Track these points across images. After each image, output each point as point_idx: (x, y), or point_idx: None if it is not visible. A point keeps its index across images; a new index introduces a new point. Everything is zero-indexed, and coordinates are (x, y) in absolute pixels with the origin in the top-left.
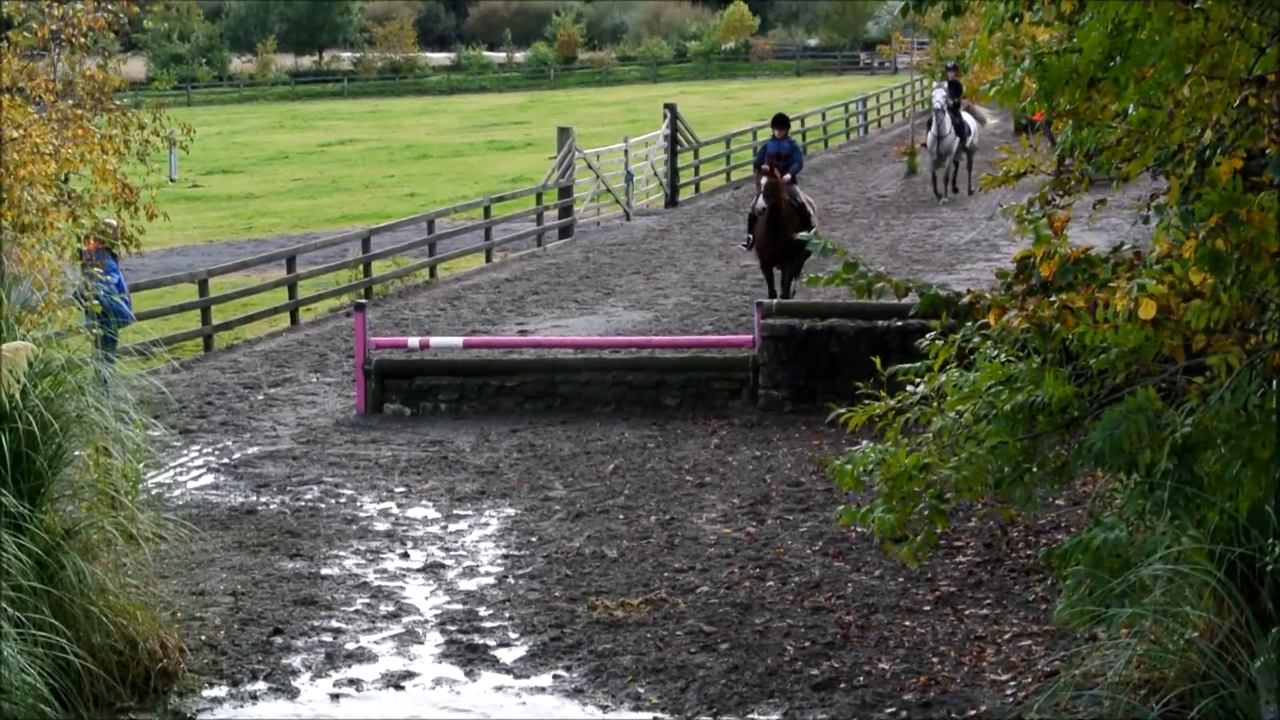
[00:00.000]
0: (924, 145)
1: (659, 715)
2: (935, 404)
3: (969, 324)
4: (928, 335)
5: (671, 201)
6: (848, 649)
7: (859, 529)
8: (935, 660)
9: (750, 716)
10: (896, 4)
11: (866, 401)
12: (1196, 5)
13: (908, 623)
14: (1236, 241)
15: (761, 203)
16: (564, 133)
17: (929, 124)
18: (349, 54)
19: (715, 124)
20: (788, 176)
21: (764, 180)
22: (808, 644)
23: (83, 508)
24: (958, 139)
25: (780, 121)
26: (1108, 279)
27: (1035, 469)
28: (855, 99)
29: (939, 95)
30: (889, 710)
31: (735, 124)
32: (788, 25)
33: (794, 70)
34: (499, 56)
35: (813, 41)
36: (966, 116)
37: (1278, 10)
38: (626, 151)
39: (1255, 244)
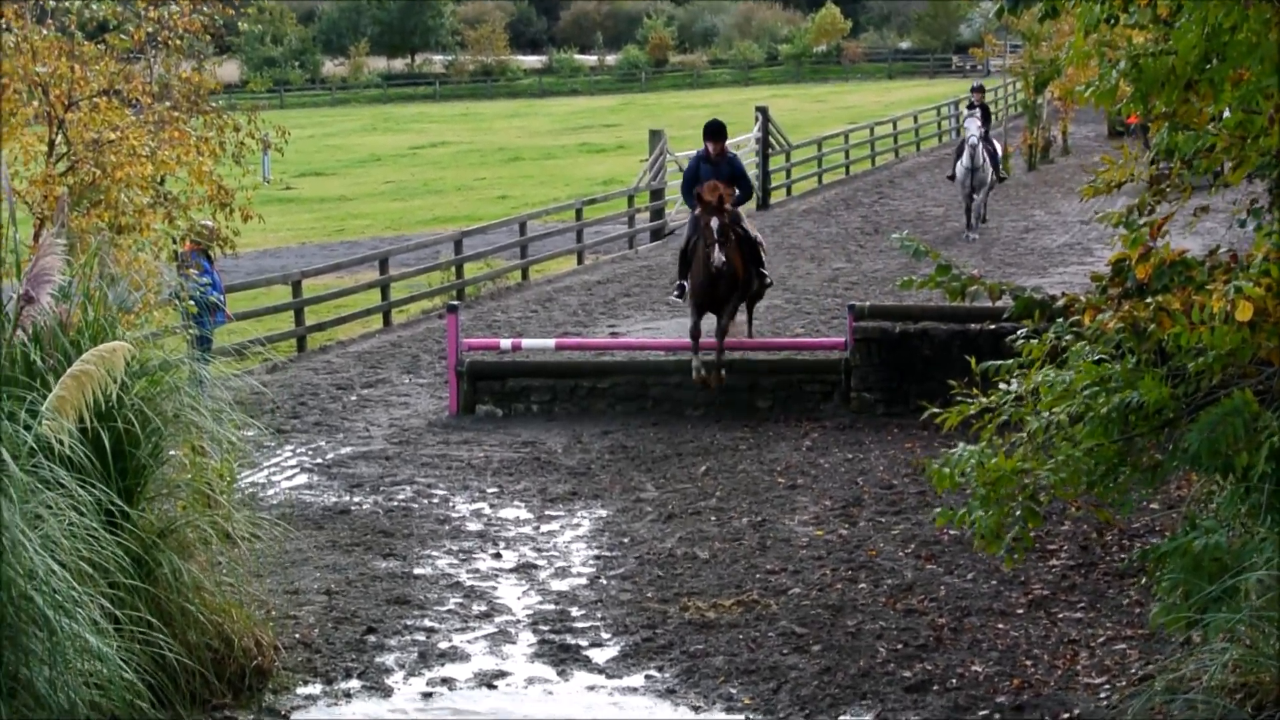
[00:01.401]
0: (950, 177)
1: (751, 716)
2: (1030, 404)
3: (1060, 321)
4: (1019, 333)
5: (763, 204)
6: (940, 651)
7: (951, 531)
8: (1028, 663)
9: (843, 718)
10: (990, 6)
11: (961, 401)
12: None
13: (1001, 625)
14: None
15: (719, 256)
16: (655, 135)
17: (958, 153)
18: (441, 57)
19: (807, 127)
20: (730, 205)
21: (714, 221)
22: (900, 646)
23: (179, 506)
24: (991, 171)
25: (715, 132)
26: (1204, 281)
27: (1130, 470)
28: (947, 102)
29: (974, 128)
30: (982, 713)
31: (827, 127)
32: (879, 28)
33: (886, 73)
34: (590, 59)
35: (905, 44)
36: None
37: None
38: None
39: None
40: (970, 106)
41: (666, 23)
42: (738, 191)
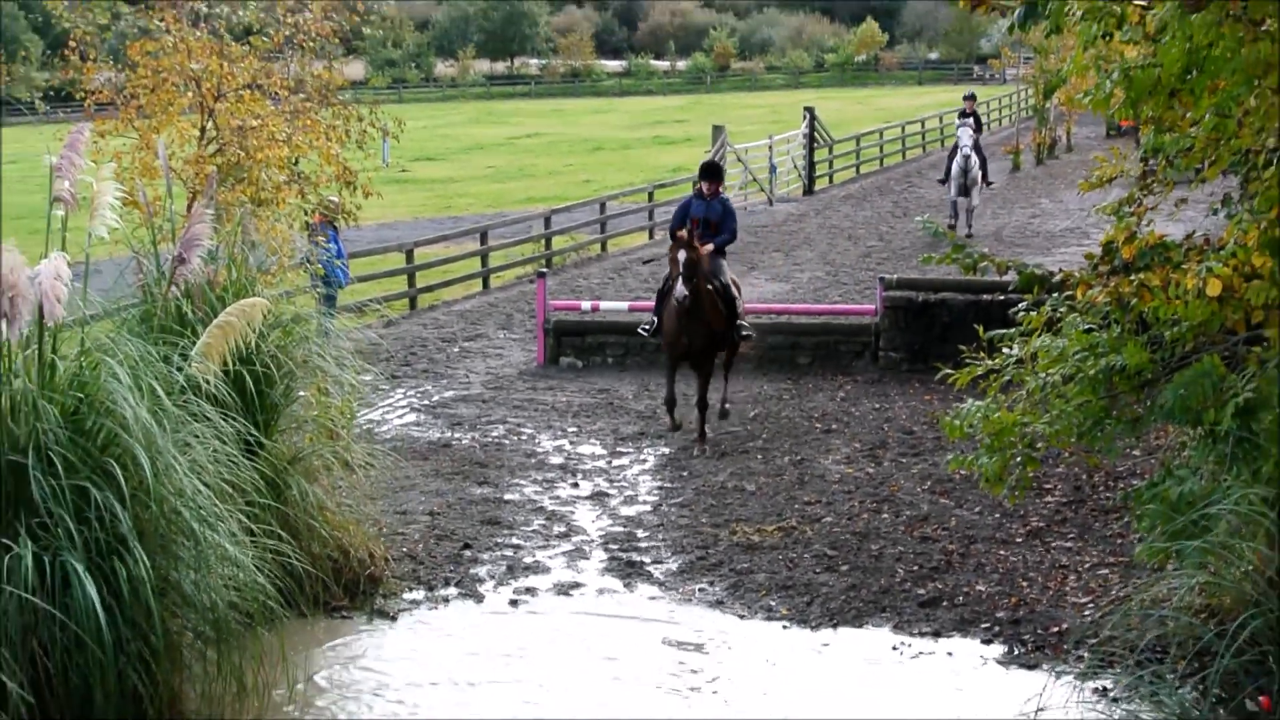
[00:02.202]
0: (942, 181)
1: (787, 624)
2: (1029, 366)
3: (1055, 295)
4: (1021, 305)
5: (809, 190)
6: (950, 573)
7: (963, 473)
8: (1025, 584)
9: (865, 627)
10: (1006, 22)
11: (970, 363)
12: (1264, 28)
13: (1002, 552)
14: None
15: (681, 289)
16: (717, 130)
17: (950, 158)
18: (536, 61)
19: (847, 125)
20: (710, 247)
21: (681, 255)
22: (916, 568)
23: (306, 438)
24: (980, 176)
25: (711, 172)
26: (1180, 261)
27: (1114, 423)
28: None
29: (965, 136)
30: (984, 625)
31: (864, 125)
32: (911, 41)
33: (916, 80)
34: (663, 65)
35: (933, 55)
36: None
37: None
38: (771, 147)
39: None
40: (962, 115)
41: (729, 34)
42: (720, 236)
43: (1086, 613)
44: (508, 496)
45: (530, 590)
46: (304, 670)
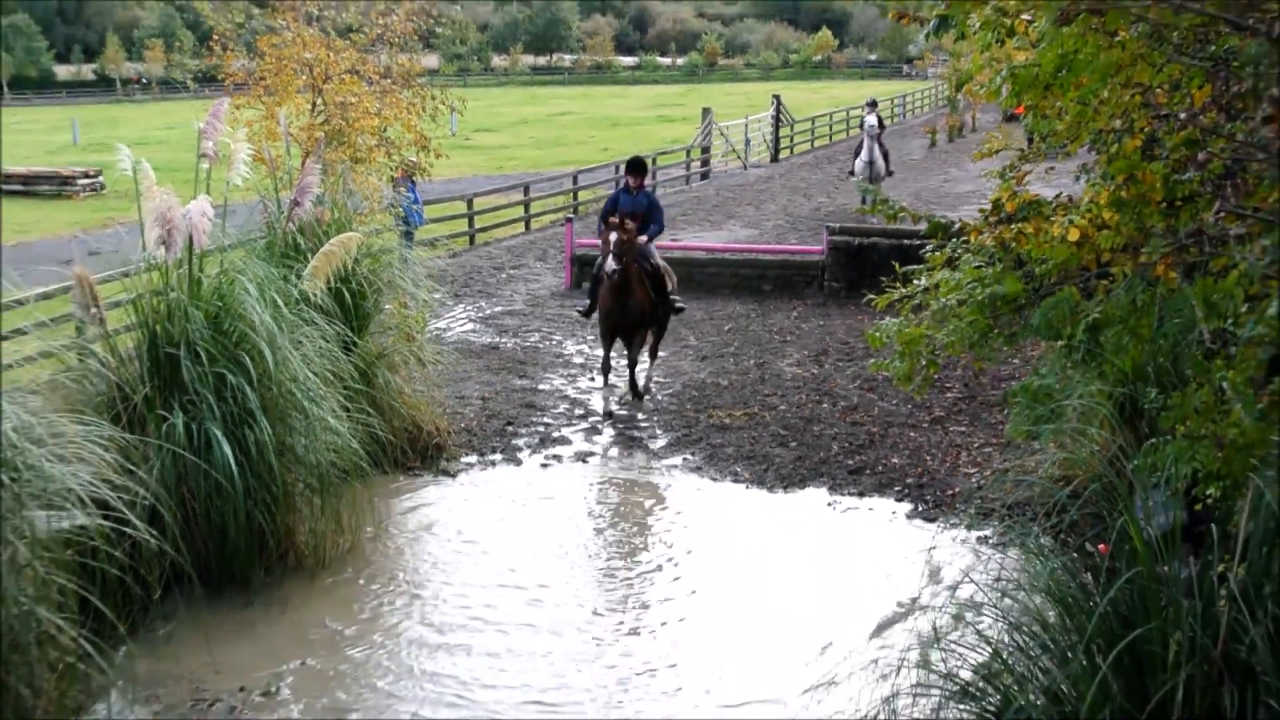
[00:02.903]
0: (850, 173)
1: (748, 485)
2: (933, 293)
3: (955, 240)
4: (929, 246)
5: (774, 159)
6: (872, 449)
7: (883, 374)
8: (928, 458)
9: (807, 489)
10: (925, 31)
11: (889, 291)
12: (1117, 37)
13: (911, 434)
14: (1134, 193)
15: (611, 264)
16: (706, 111)
17: (857, 151)
18: (569, 56)
19: (805, 109)
20: (644, 238)
21: (613, 236)
22: (847, 445)
23: (390, 340)
24: (884, 164)
25: (636, 167)
26: (1049, 215)
27: (996, 337)
28: (898, 96)
29: (871, 119)
30: (896, 489)
31: (818, 110)
32: (856, 45)
33: (860, 75)
34: (666, 61)
35: (873, 56)
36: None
37: (1169, 44)
38: (746, 125)
39: (1145, 195)
40: (868, 114)
41: (717, 38)
42: (650, 226)
43: (974, 480)
44: (541, 386)
45: (557, 457)
46: (386, 513)
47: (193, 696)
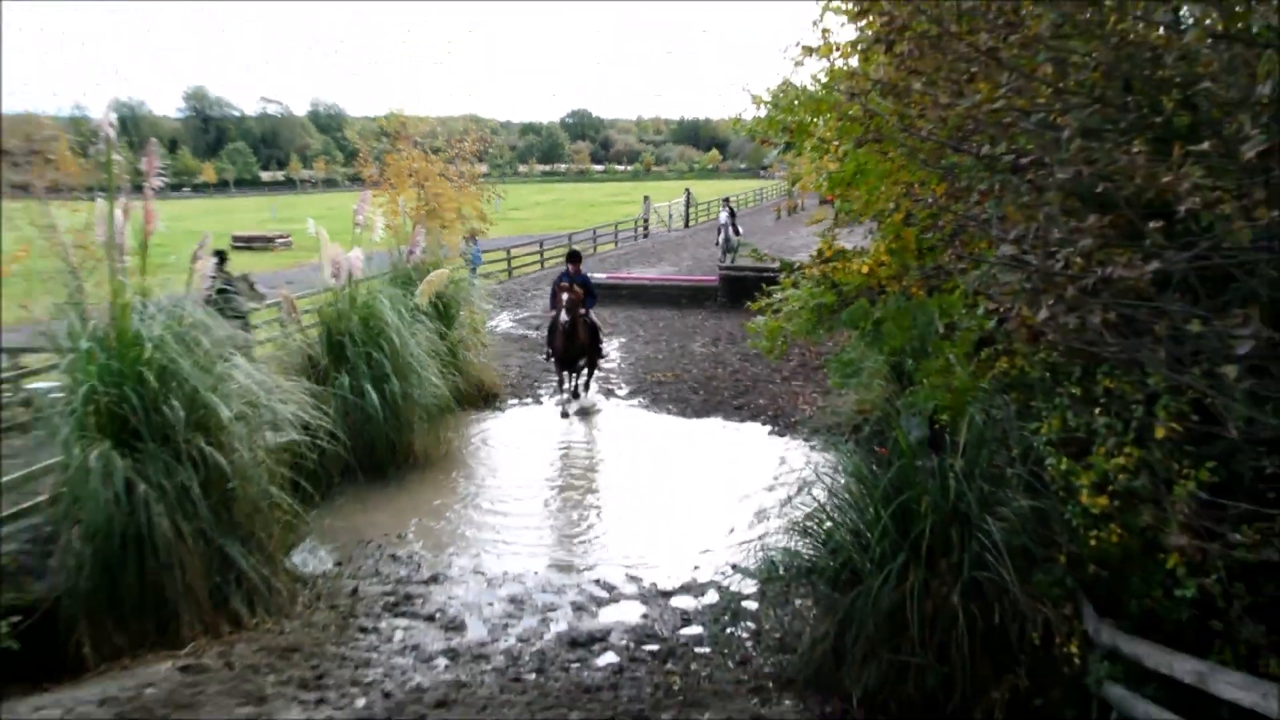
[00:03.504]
0: (716, 244)
1: (675, 416)
2: (784, 303)
3: (796, 271)
4: (781, 276)
5: (686, 226)
6: (747, 395)
7: (755, 350)
8: (780, 400)
9: (710, 418)
10: (776, 151)
11: (758, 302)
12: (889, 155)
13: (770, 386)
14: (899, 245)
15: (564, 316)
16: (646, 198)
17: (718, 232)
18: (564, 164)
19: (705, 196)
20: (582, 310)
21: (565, 297)
22: (732, 392)
23: (465, 332)
24: (737, 240)
25: (574, 257)
26: (851, 257)
27: (822, 327)
28: (758, 189)
29: (724, 216)
30: (762, 418)
31: (713, 195)
32: (733, 158)
33: (736, 176)
34: (621, 167)
35: (743, 165)
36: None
37: (919, 158)
38: (670, 206)
39: (906, 246)
40: (723, 210)
41: (651, 153)
42: (589, 299)
43: (808, 414)
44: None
45: (566, 401)
46: (464, 433)
47: (355, 540)
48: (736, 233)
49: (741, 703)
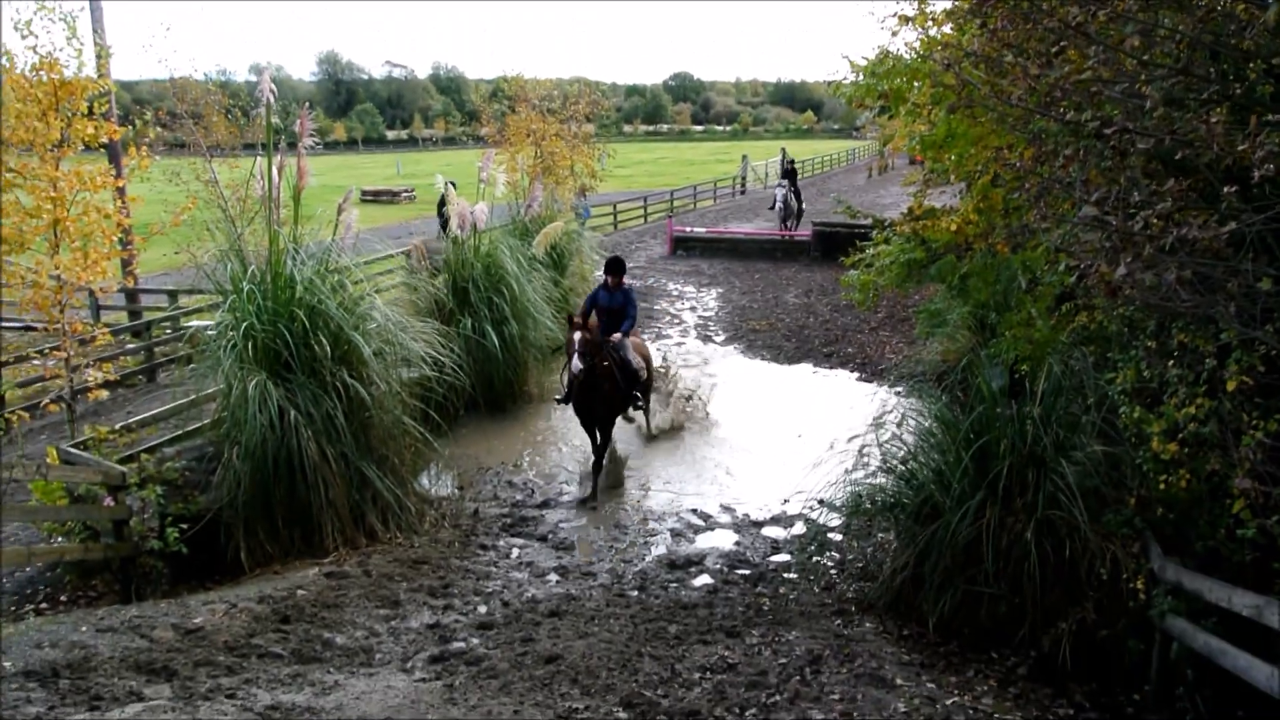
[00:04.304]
0: (771, 208)
1: (769, 361)
2: (875, 257)
3: (887, 228)
4: (873, 232)
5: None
6: (837, 344)
7: (846, 301)
8: (869, 349)
9: (803, 364)
10: (870, 113)
11: (851, 257)
12: (980, 120)
13: (859, 336)
14: (986, 205)
15: (576, 364)
16: (744, 157)
17: (775, 201)
18: (666, 125)
19: (801, 155)
20: (617, 336)
21: (576, 336)
22: (822, 340)
23: (575, 279)
24: (797, 204)
25: (615, 266)
26: (940, 215)
27: (911, 280)
28: (850, 148)
29: (780, 192)
30: (850, 365)
31: (805, 156)
32: (827, 119)
33: (829, 136)
34: (720, 128)
35: (836, 126)
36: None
37: (1007, 124)
38: (766, 164)
39: (993, 206)
40: (783, 174)
41: (749, 114)
42: (625, 321)
43: (895, 361)
44: (656, 307)
45: (664, 341)
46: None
47: (476, 466)
48: (798, 199)
49: (825, 623)
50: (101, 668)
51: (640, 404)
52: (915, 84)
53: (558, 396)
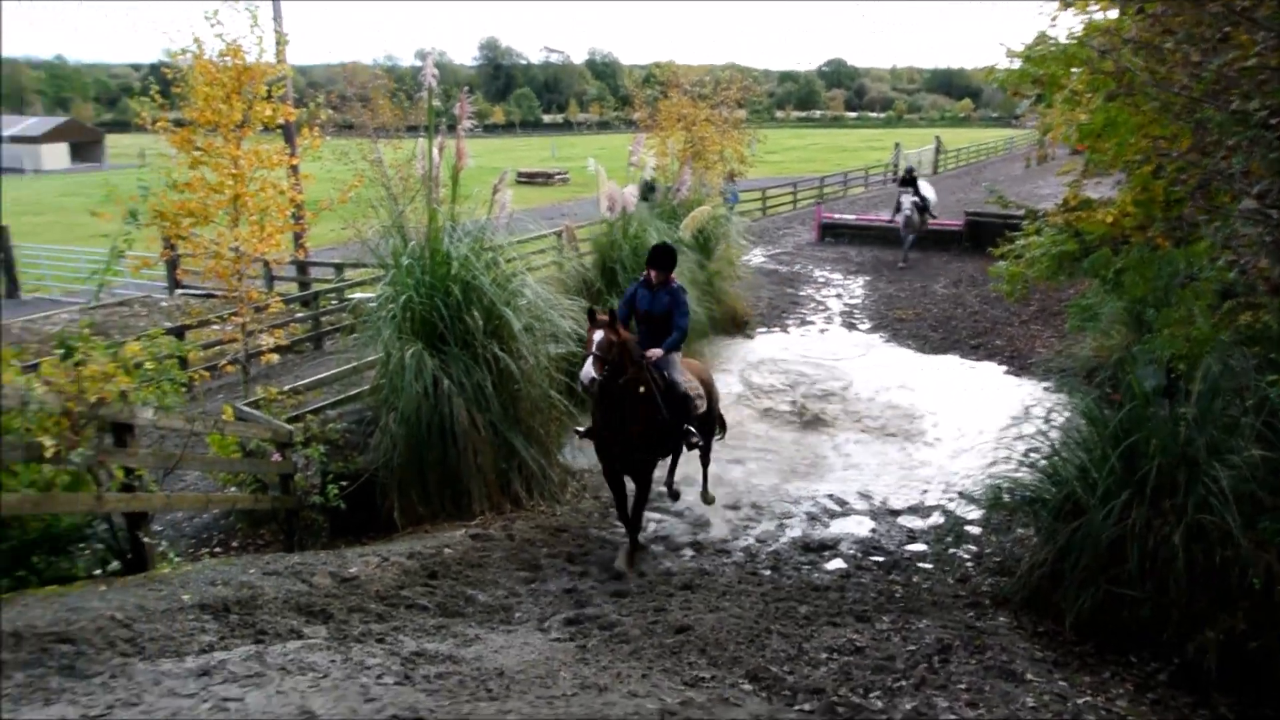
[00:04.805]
0: (891, 221)
1: (914, 350)
2: (1026, 248)
3: (1040, 219)
4: (1024, 223)
5: (934, 172)
6: (985, 336)
7: (995, 293)
8: (1019, 342)
9: (948, 355)
10: (1028, 102)
11: (1000, 248)
12: (1141, 108)
13: (1009, 329)
14: (1146, 197)
15: (588, 371)
16: (896, 145)
17: (896, 208)
18: (818, 111)
19: (956, 143)
20: (656, 352)
21: (597, 336)
22: (970, 332)
23: (721, 263)
24: (918, 221)
25: (661, 257)
26: (1096, 207)
27: (1063, 274)
28: (1008, 137)
29: (907, 202)
30: (999, 358)
31: (961, 144)
32: (985, 106)
33: (985, 125)
34: (874, 115)
35: (994, 114)
36: (925, 190)
37: (1170, 113)
38: (920, 152)
39: (1153, 198)
40: (903, 184)
41: (904, 101)
42: (673, 334)
43: (1045, 354)
44: (801, 294)
45: (808, 329)
46: (718, 353)
47: None
48: (923, 211)
49: (958, 614)
50: (266, 606)
51: (696, 441)
52: (1073, 70)
53: (579, 429)
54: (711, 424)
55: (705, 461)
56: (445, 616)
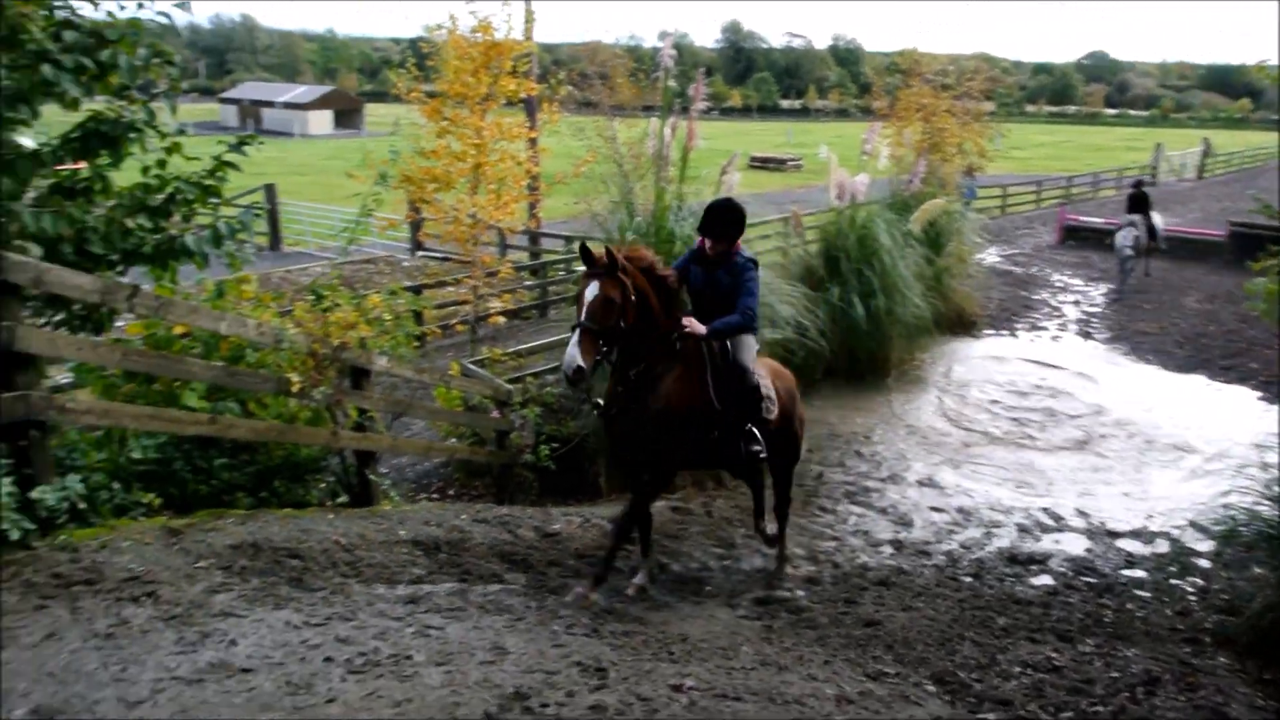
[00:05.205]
0: (1109, 244)
1: (1155, 367)
2: None
3: None
4: None
5: (1199, 178)
6: (1239, 357)
7: (1253, 312)
8: (1276, 366)
9: (1195, 374)
10: None
11: (1260, 262)
12: None
13: (1267, 351)
14: None
15: (572, 354)
16: (1158, 145)
17: (1116, 239)
18: (1073, 107)
19: (1227, 147)
20: (701, 330)
21: (590, 289)
22: (1222, 352)
23: (951, 260)
24: (1145, 245)
25: (717, 220)
26: None
27: None
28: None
29: (1127, 235)
30: (1251, 381)
31: (1234, 148)
32: (1268, 108)
33: (1265, 128)
34: (1137, 113)
35: (1275, 116)
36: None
37: None
38: (1185, 155)
39: None
40: (1133, 201)
41: (1171, 99)
42: (735, 314)
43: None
44: (1035, 297)
45: (1039, 335)
46: (938, 352)
47: (826, 433)
48: (1152, 238)
49: (1172, 648)
50: (473, 550)
51: (759, 451)
52: None
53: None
54: (787, 445)
55: (786, 488)
56: None
